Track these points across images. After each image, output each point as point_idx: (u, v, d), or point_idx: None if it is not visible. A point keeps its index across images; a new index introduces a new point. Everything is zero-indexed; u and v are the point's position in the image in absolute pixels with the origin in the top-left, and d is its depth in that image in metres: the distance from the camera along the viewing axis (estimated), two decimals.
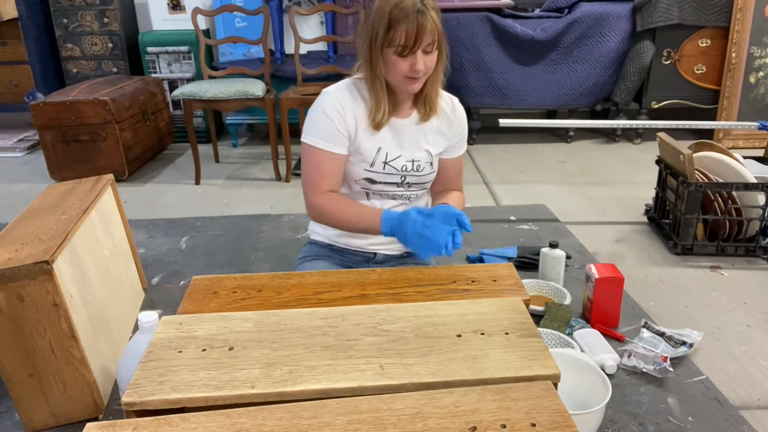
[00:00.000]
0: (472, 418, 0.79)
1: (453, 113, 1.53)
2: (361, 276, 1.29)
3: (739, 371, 1.56)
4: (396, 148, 1.48)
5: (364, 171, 1.48)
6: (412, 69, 1.33)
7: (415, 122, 1.49)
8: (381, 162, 1.47)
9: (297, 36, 3.23)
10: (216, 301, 1.21)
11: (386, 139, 1.47)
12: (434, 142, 1.52)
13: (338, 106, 1.42)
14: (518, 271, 2.07)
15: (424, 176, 1.53)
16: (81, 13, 3.67)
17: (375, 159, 1.46)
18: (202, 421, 0.79)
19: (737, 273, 2.09)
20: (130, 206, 2.79)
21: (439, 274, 1.30)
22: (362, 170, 1.48)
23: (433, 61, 1.35)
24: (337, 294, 1.22)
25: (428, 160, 1.51)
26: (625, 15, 3.40)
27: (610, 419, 1.36)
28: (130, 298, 1.81)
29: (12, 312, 1.26)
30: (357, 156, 1.47)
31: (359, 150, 1.46)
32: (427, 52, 1.33)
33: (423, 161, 1.50)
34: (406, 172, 1.49)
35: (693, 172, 2.14)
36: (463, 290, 1.23)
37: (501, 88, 3.55)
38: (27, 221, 1.49)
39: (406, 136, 1.48)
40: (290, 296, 1.21)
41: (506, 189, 2.96)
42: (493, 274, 1.32)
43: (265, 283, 1.26)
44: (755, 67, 3.41)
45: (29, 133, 3.98)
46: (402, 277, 1.28)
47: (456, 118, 1.53)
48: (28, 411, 1.36)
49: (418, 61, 1.32)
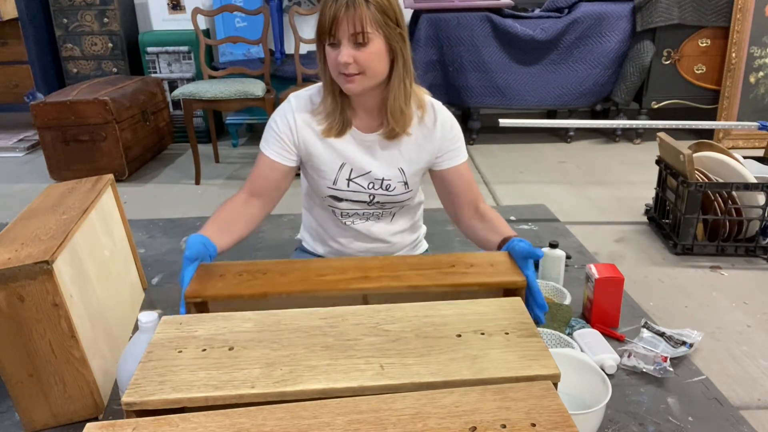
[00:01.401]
0: (472, 418, 0.78)
1: (434, 124, 1.36)
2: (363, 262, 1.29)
3: (739, 371, 1.56)
4: (363, 164, 1.35)
5: (328, 189, 1.38)
6: (337, 62, 1.19)
7: (386, 137, 1.34)
8: (344, 179, 1.36)
9: (297, 36, 3.23)
10: (223, 282, 1.23)
11: (351, 154, 1.35)
12: (410, 159, 1.37)
13: (291, 117, 1.33)
14: None
15: (396, 196, 1.39)
16: (81, 13, 3.67)
17: (337, 176, 1.36)
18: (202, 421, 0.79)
19: (737, 273, 2.09)
20: (130, 206, 2.79)
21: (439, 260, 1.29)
22: (326, 188, 1.38)
23: (366, 57, 1.19)
24: (340, 276, 1.22)
25: (401, 179, 1.37)
26: (625, 15, 3.40)
27: (610, 419, 1.36)
28: (130, 298, 1.81)
29: (12, 312, 1.26)
30: (319, 172, 1.37)
31: (320, 165, 1.36)
32: (358, 44, 1.18)
33: (394, 180, 1.37)
34: (373, 190, 1.37)
35: (693, 172, 2.14)
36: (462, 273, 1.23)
37: (501, 88, 3.55)
38: (27, 221, 1.49)
39: (377, 151, 1.35)
40: (294, 278, 1.22)
41: (506, 189, 2.96)
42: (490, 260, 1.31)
43: (270, 268, 1.27)
44: (755, 67, 3.41)
45: (29, 133, 3.98)
46: (403, 262, 1.28)
47: (439, 129, 1.37)
48: (28, 411, 1.36)
49: (341, 52, 1.18)
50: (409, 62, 1.27)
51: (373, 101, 1.31)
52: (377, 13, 1.17)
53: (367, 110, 1.33)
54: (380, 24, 1.18)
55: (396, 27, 1.21)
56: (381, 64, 1.22)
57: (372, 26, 1.17)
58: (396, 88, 1.27)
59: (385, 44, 1.21)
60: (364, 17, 1.16)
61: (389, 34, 1.20)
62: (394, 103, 1.28)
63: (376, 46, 1.19)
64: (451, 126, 1.39)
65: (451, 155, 1.40)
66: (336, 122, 1.31)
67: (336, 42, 1.19)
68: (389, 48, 1.23)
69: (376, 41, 1.19)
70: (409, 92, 1.29)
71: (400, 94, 1.27)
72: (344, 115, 1.32)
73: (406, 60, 1.25)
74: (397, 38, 1.22)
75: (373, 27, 1.18)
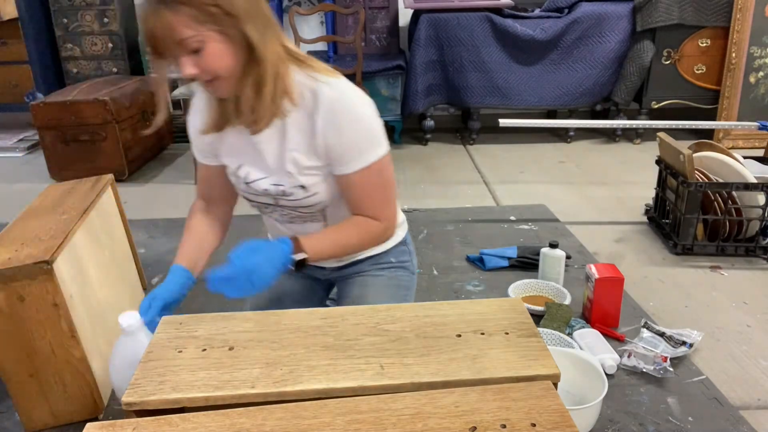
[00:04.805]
0: (472, 418, 0.79)
1: (316, 113, 1.11)
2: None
3: (739, 371, 1.56)
4: (257, 169, 1.21)
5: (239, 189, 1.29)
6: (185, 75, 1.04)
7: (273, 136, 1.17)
8: (243, 182, 1.24)
9: (297, 36, 3.23)
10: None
11: (247, 157, 1.21)
12: (296, 160, 1.16)
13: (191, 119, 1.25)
14: (518, 271, 2.10)
15: (300, 200, 1.21)
16: (81, 13, 3.67)
17: (236, 178, 1.25)
18: (202, 421, 0.79)
19: (737, 273, 2.09)
20: (130, 206, 2.79)
21: None
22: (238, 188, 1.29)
23: (207, 60, 1.02)
24: None
25: (295, 183, 1.18)
26: (625, 15, 3.40)
27: (610, 419, 1.36)
28: (130, 298, 1.81)
29: (12, 312, 1.26)
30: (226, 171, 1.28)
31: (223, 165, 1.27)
32: (193, 51, 1.01)
33: (288, 186, 1.18)
34: (271, 194, 1.22)
35: (693, 172, 2.14)
36: None
37: (501, 88, 3.55)
38: (27, 221, 1.49)
39: (267, 155, 1.18)
40: None
41: (506, 189, 2.95)
42: None
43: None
44: (755, 67, 3.41)
45: (29, 133, 3.98)
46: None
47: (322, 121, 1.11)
48: (28, 411, 1.36)
49: (182, 66, 1.02)
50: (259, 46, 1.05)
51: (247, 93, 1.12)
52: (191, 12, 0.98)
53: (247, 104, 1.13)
54: (204, 21, 0.99)
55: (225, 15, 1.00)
56: (228, 60, 1.04)
57: (194, 28, 0.99)
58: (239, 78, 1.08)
59: (224, 38, 1.02)
60: (180, 23, 0.98)
61: (221, 26, 1.01)
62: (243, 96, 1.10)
63: (211, 46, 1.02)
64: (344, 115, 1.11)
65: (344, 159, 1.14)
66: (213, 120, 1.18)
67: (170, 58, 1.04)
68: (230, 40, 1.03)
69: (210, 41, 1.01)
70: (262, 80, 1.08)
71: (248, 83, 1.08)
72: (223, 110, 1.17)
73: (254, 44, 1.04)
74: (234, 25, 1.02)
75: (196, 29, 0.99)
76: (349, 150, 1.13)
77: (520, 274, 2.06)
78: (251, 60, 1.06)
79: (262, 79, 1.08)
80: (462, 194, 2.84)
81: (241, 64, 1.06)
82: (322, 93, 1.10)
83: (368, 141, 1.14)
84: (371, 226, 1.21)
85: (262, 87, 1.08)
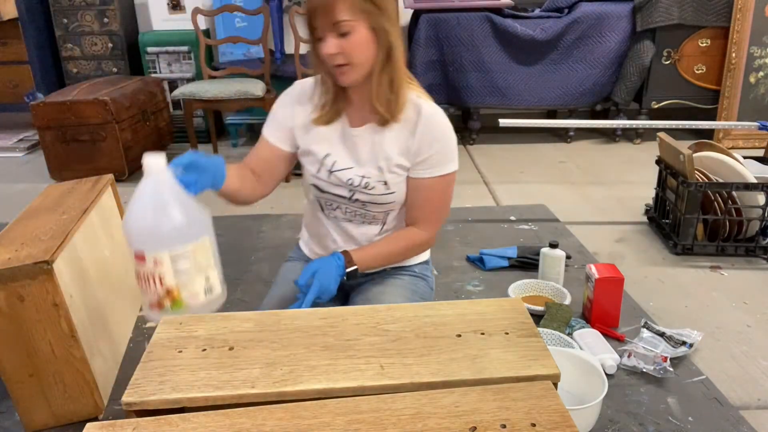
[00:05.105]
0: (472, 418, 0.78)
1: (418, 122, 1.28)
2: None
3: (739, 371, 1.56)
4: (347, 159, 1.32)
5: (311, 177, 1.36)
6: (325, 54, 1.18)
7: (371, 132, 1.30)
8: (326, 170, 1.33)
9: (297, 36, 3.23)
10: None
11: (337, 147, 1.32)
12: (389, 157, 1.29)
13: (289, 103, 1.35)
14: (518, 271, 2.10)
15: (377, 197, 1.31)
16: (81, 13, 3.67)
17: (321, 166, 1.33)
18: (202, 421, 0.79)
19: (737, 273, 2.09)
20: None
21: None
22: (310, 175, 1.36)
23: (353, 45, 1.16)
24: None
25: (380, 178, 1.30)
26: (625, 15, 3.40)
27: (610, 419, 1.36)
28: (130, 298, 1.81)
29: (12, 312, 1.26)
30: (307, 159, 1.36)
31: (308, 152, 1.35)
32: (342, 34, 1.16)
33: (374, 179, 1.30)
34: (353, 186, 1.32)
35: (693, 172, 2.14)
36: None
37: (501, 88, 3.55)
38: (27, 221, 1.49)
39: (361, 148, 1.31)
40: None
41: (506, 189, 2.95)
42: None
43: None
44: (755, 67, 3.41)
45: (29, 133, 3.98)
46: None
47: (421, 129, 1.27)
48: (28, 411, 1.36)
49: (326, 44, 1.16)
50: (397, 50, 1.22)
51: (366, 92, 1.27)
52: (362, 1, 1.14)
53: (361, 101, 1.29)
54: (360, 11, 1.15)
55: (379, 12, 1.17)
56: (367, 52, 1.19)
57: (351, 14, 1.14)
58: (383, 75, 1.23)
59: (370, 32, 1.17)
60: (341, 6, 1.13)
61: (376, 22, 1.17)
62: (380, 88, 1.24)
63: (359, 34, 1.16)
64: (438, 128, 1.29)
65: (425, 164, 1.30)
66: (326, 112, 1.30)
67: (321, 35, 1.18)
68: (375, 35, 1.18)
69: (360, 30, 1.16)
70: (396, 79, 1.24)
71: (384, 79, 1.23)
72: (336, 105, 1.30)
73: (393, 46, 1.21)
74: (382, 23, 1.18)
75: (352, 15, 1.14)
76: (433, 158, 1.29)
77: (520, 274, 2.06)
78: (388, 59, 1.21)
79: (398, 79, 1.24)
80: (462, 194, 2.84)
81: (377, 60, 1.20)
82: (424, 107, 1.28)
83: (449, 156, 1.30)
84: (416, 237, 1.34)
85: (397, 87, 1.24)
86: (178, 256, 1.01)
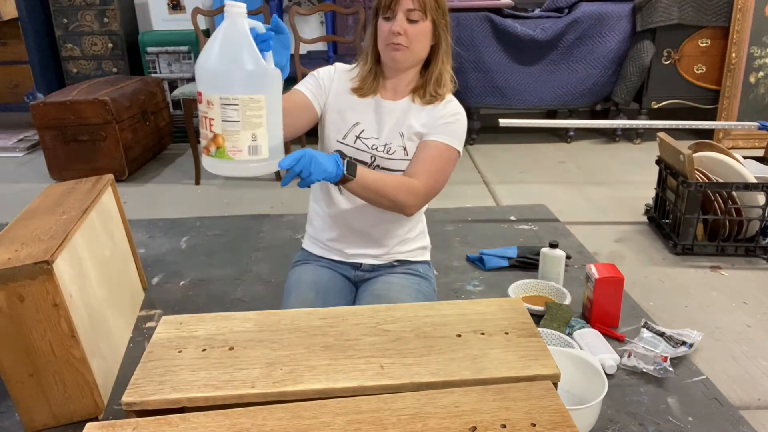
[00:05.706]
0: (472, 418, 0.78)
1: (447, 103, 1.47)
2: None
3: (739, 371, 1.56)
4: (374, 128, 1.46)
5: (337, 142, 1.46)
6: (390, 32, 1.34)
7: (404, 108, 1.45)
8: (353, 135, 1.45)
9: (297, 36, 3.23)
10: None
11: (368, 117, 1.46)
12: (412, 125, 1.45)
13: (332, 70, 1.50)
14: (518, 271, 2.10)
15: (396, 161, 1.45)
16: (81, 13, 3.67)
17: (348, 132, 1.46)
18: (202, 421, 0.79)
19: (737, 273, 2.09)
20: (130, 206, 2.79)
21: None
22: (335, 141, 1.46)
23: (417, 32, 1.35)
24: None
25: (401, 143, 1.44)
26: (625, 15, 3.40)
27: (610, 419, 1.36)
28: (130, 298, 1.81)
29: (12, 312, 1.26)
30: (335, 123, 1.46)
31: (339, 117, 1.46)
32: (411, 20, 1.34)
33: (395, 144, 1.45)
34: (375, 152, 1.45)
35: (693, 172, 2.14)
36: None
37: (501, 88, 3.55)
38: (27, 221, 1.49)
39: (387, 120, 1.45)
40: None
41: (506, 189, 2.95)
42: None
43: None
44: (755, 67, 3.41)
45: (29, 133, 3.98)
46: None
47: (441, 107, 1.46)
48: (28, 411, 1.36)
49: (396, 23, 1.33)
50: (449, 49, 1.45)
51: (404, 80, 1.45)
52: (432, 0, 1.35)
53: (395, 85, 1.46)
54: (432, 9, 1.35)
55: (442, 14, 1.39)
56: (424, 44, 1.38)
57: (425, 8, 1.34)
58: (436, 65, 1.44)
59: (432, 28, 1.37)
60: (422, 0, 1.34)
61: (437, 20, 1.37)
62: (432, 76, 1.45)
63: (425, 26, 1.36)
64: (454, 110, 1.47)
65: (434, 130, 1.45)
66: (367, 85, 1.45)
67: (392, 16, 1.34)
68: (434, 33, 1.39)
69: (426, 23, 1.36)
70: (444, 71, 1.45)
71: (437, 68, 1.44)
72: (376, 81, 1.46)
73: (448, 45, 1.44)
74: (443, 26, 1.40)
75: (426, 9, 1.34)
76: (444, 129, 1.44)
77: (520, 274, 2.06)
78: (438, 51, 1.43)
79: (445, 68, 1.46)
80: (462, 194, 2.84)
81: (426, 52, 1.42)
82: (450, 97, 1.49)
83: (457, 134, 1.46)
84: (410, 182, 1.40)
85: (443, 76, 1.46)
86: (228, 103, 1.00)
